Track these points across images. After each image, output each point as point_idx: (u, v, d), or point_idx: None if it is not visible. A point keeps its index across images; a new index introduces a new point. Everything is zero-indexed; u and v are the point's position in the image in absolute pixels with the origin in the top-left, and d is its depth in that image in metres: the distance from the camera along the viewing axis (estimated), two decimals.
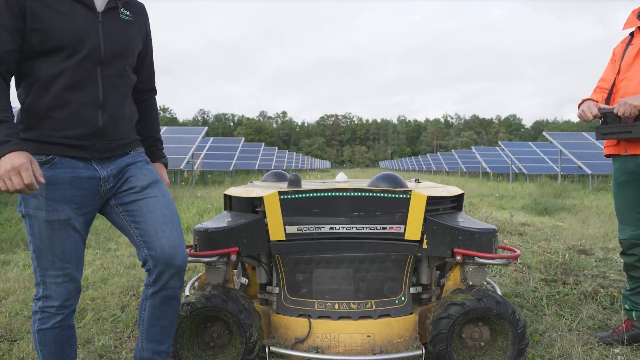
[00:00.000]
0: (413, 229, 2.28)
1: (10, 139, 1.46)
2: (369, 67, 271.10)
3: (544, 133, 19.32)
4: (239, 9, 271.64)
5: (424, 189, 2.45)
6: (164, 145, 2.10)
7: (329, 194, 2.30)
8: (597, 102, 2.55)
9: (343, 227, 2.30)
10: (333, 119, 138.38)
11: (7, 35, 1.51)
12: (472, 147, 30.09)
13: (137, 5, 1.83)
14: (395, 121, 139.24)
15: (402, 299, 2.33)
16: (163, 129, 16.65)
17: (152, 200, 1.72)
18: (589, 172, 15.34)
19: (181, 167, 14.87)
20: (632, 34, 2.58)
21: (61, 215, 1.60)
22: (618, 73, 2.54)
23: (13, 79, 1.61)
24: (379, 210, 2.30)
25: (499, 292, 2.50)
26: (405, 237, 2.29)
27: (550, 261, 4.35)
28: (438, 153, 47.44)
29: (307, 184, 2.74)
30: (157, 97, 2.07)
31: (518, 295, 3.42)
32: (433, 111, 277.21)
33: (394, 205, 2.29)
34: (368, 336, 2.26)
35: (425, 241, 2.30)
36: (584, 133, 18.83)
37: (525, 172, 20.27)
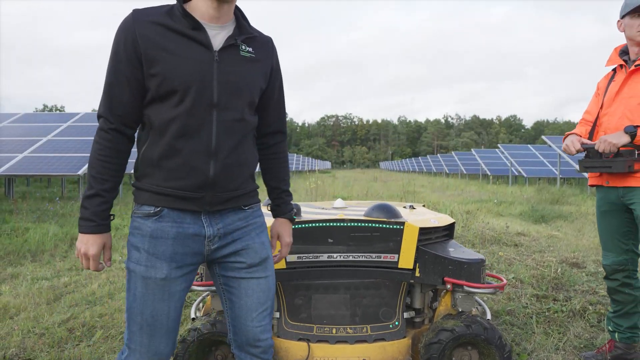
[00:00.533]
0: (406, 258, 2.42)
1: (94, 220, 1.45)
2: (370, 68, 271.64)
3: (543, 137, 19.47)
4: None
5: (417, 218, 2.58)
6: None
7: (327, 224, 2.44)
8: (580, 136, 2.69)
9: (340, 256, 2.44)
10: (333, 119, 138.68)
11: (126, 86, 1.47)
12: (472, 149, 30.25)
13: (262, 40, 1.65)
14: (395, 121, 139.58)
15: (396, 323, 2.47)
16: None
17: (253, 283, 1.62)
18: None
19: None
20: (614, 70, 2.72)
21: (159, 273, 1.49)
22: (601, 107, 2.68)
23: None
24: (374, 239, 2.43)
25: (489, 315, 2.64)
26: (399, 266, 2.43)
27: (542, 275, 4.49)
28: (438, 155, 47.63)
29: (305, 209, 2.88)
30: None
31: (509, 312, 3.56)
32: (433, 112, 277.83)
33: (388, 235, 2.43)
34: None
35: (417, 269, 2.44)
36: None
37: (525, 175, 20.39)
